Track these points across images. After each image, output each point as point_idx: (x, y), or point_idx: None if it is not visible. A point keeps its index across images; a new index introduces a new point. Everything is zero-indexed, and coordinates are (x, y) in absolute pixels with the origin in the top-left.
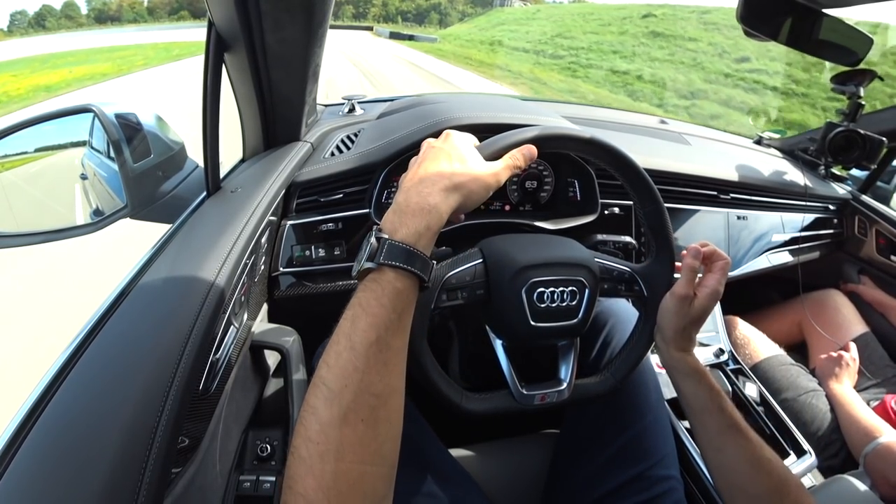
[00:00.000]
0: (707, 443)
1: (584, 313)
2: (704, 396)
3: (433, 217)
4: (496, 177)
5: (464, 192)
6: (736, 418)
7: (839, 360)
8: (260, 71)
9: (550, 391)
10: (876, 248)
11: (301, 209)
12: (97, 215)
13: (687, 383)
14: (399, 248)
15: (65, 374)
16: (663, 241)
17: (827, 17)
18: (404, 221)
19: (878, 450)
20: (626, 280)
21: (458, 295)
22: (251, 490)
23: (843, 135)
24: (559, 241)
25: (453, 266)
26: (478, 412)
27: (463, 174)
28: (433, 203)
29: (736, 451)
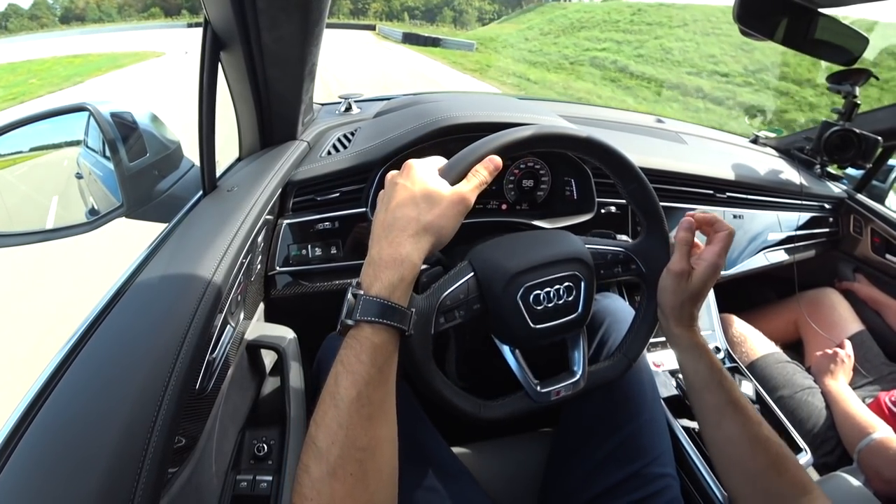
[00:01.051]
0: (706, 419)
1: (584, 305)
2: (705, 372)
3: (406, 267)
4: (464, 202)
5: (433, 232)
6: (736, 395)
7: (834, 356)
8: (256, 69)
9: (565, 384)
10: (871, 246)
11: (298, 208)
12: (93, 214)
13: (688, 358)
14: (374, 302)
15: (61, 373)
16: (652, 216)
17: (823, 16)
18: (378, 275)
19: (872, 446)
20: (621, 261)
21: (456, 315)
22: (248, 490)
23: (838, 134)
24: (548, 237)
25: (446, 286)
26: (498, 419)
27: (430, 213)
28: (404, 253)
29: (735, 427)
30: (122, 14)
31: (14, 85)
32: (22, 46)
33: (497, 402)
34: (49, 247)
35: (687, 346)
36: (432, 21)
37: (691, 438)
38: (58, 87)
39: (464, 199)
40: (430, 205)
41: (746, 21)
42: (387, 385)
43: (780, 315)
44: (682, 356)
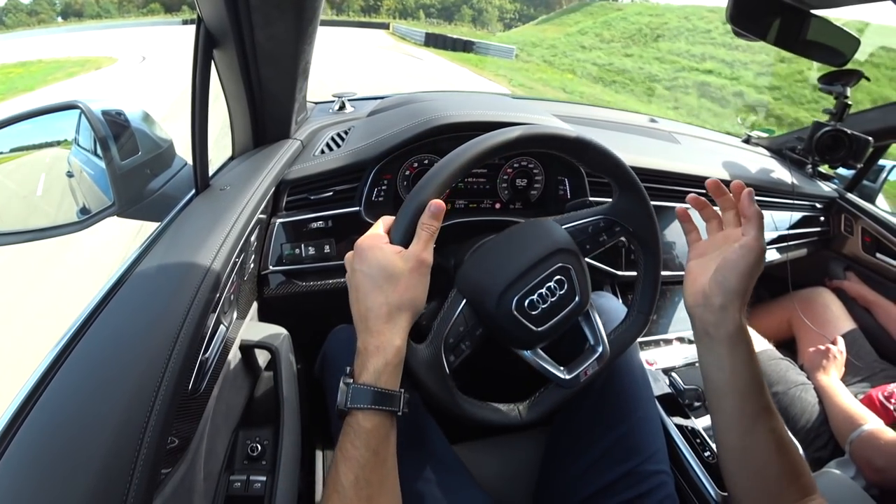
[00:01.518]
0: (738, 424)
1: (580, 290)
2: (751, 373)
3: (389, 352)
4: (422, 264)
5: (406, 308)
6: (769, 400)
7: (827, 352)
8: (249, 68)
9: (590, 361)
10: (862, 245)
11: (291, 207)
12: (84, 213)
13: (738, 357)
14: (362, 390)
15: (52, 374)
16: (620, 176)
17: (815, 17)
18: (364, 364)
19: (863, 437)
20: (603, 228)
21: (463, 347)
22: (241, 490)
23: (830, 134)
24: (526, 236)
25: (444, 323)
26: (540, 416)
27: (395, 292)
28: (385, 340)
29: (765, 433)
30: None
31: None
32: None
33: (532, 400)
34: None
35: (739, 338)
36: (449, 19)
37: (684, 436)
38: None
39: (420, 261)
40: (392, 284)
41: (739, 21)
42: (384, 466)
43: (772, 313)
44: (730, 351)
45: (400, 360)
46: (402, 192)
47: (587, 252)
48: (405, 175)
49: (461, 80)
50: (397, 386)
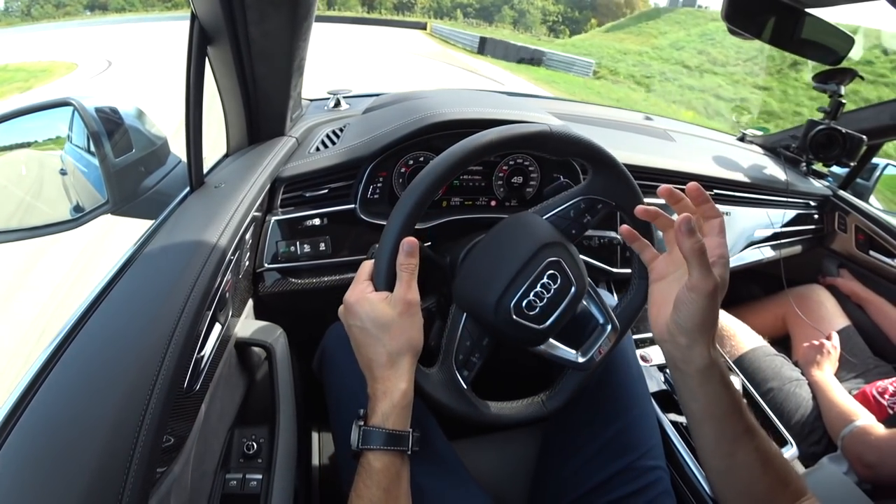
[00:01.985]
0: (718, 449)
1: (576, 278)
2: (729, 400)
3: (395, 395)
4: (410, 305)
5: (404, 350)
6: (751, 420)
7: (821, 347)
8: (244, 65)
9: (602, 339)
10: (855, 243)
11: (286, 205)
12: (77, 211)
13: (713, 388)
14: (371, 432)
15: (46, 373)
16: (590, 155)
17: (809, 16)
18: (374, 408)
19: (855, 432)
20: (584, 209)
21: (474, 360)
22: (237, 488)
23: (824, 132)
24: (510, 237)
25: (451, 342)
26: (563, 403)
27: (391, 339)
28: (390, 385)
29: (748, 453)
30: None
31: None
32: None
33: (553, 390)
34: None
35: (714, 375)
36: (489, 21)
37: (679, 432)
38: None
39: (407, 303)
40: (386, 332)
41: (734, 20)
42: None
43: (767, 310)
44: (706, 387)
45: (407, 401)
46: (398, 189)
47: (574, 237)
48: (400, 172)
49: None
50: (406, 426)
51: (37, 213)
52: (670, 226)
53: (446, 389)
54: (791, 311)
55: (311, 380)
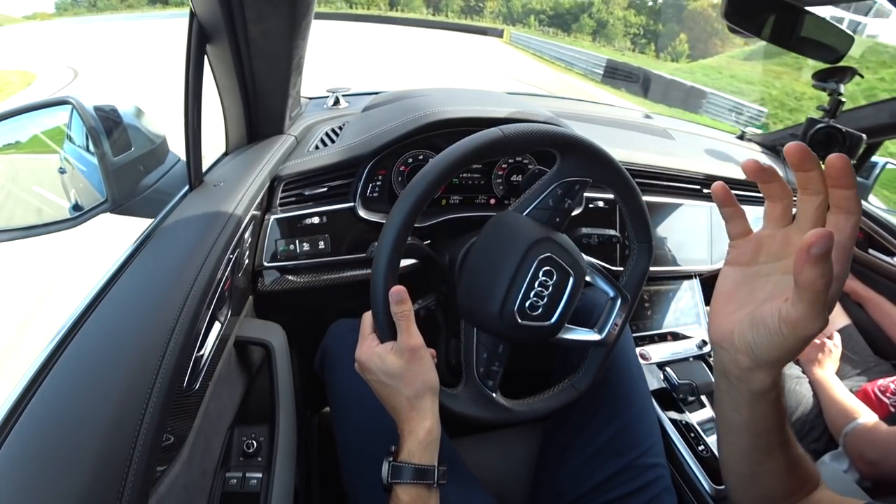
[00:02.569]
0: (750, 457)
1: (571, 266)
2: (776, 416)
3: (419, 433)
4: (415, 350)
5: (422, 392)
6: (788, 432)
7: (822, 346)
8: (243, 63)
9: (616, 311)
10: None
11: (285, 203)
12: (76, 210)
13: (767, 407)
14: (399, 467)
15: (45, 372)
16: (554, 142)
17: (809, 14)
18: (402, 445)
19: (857, 430)
20: (562, 194)
21: (494, 368)
22: (237, 487)
23: (823, 131)
24: (497, 243)
25: (468, 356)
26: (595, 380)
27: (405, 385)
28: (414, 424)
29: (778, 462)
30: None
31: None
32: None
33: (581, 370)
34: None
35: (772, 398)
36: (566, 30)
37: (678, 430)
38: None
39: (411, 349)
40: (399, 381)
41: (734, 19)
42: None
43: None
44: (751, 402)
45: (432, 437)
46: (397, 187)
47: (559, 225)
48: (399, 171)
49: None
50: (432, 461)
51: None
52: (779, 196)
53: (476, 403)
54: None
55: (310, 378)
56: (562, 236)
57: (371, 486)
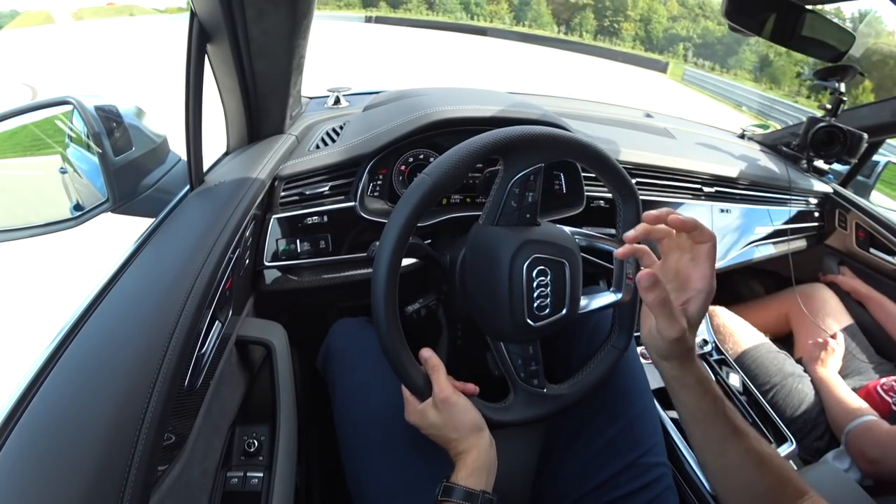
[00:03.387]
0: (709, 449)
1: (559, 253)
2: (708, 405)
3: (468, 461)
4: (446, 400)
5: (465, 430)
6: (738, 422)
7: (825, 345)
8: (243, 62)
9: (625, 266)
10: (856, 241)
11: (286, 202)
12: (78, 210)
13: (689, 394)
14: (449, 487)
15: (46, 372)
16: (491, 151)
17: (810, 13)
18: (455, 470)
19: (860, 428)
20: (521, 189)
21: (533, 368)
22: (239, 486)
23: (824, 130)
24: (485, 260)
25: (507, 367)
26: (631, 338)
27: (449, 429)
28: (463, 456)
29: (739, 453)
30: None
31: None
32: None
33: (615, 333)
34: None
35: (689, 384)
36: (721, 63)
37: (678, 429)
38: None
39: (443, 400)
40: (444, 428)
41: (735, 17)
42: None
43: (769, 308)
44: (682, 393)
45: (478, 465)
46: (398, 186)
47: (532, 219)
48: (400, 170)
49: None
50: (481, 486)
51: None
52: (661, 236)
53: (530, 406)
54: (794, 308)
55: (311, 377)
56: (538, 230)
57: (375, 483)
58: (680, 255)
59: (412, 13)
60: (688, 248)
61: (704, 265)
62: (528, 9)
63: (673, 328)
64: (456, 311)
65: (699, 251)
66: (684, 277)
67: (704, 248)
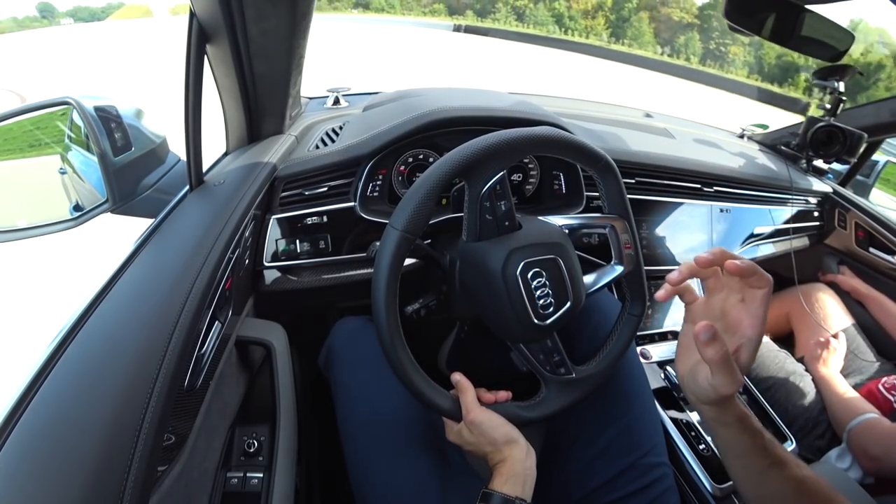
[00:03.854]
0: (747, 481)
1: (550, 250)
2: (748, 441)
3: (503, 470)
4: (473, 422)
5: (499, 445)
6: (777, 452)
7: (827, 344)
8: (243, 63)
9: (620, 239)
10: (855, 240)
11: (285, 203)
12: (77, 210)
13: (728, 432)
14: (488, 493)
15: (46, 372)
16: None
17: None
18: (492, 478)
19: (862, 426)
20: (492, 201)
21: (558, 358)
22: (238, 487)
23: (824, 129)
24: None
25: (532, 364)
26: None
27: (484, 445)
28: (498, 466)
29: (779, 483)
30: (403, 6)
31: None
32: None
33: (629, 302)
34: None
35: (728, 422)
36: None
37: (679, 429)
38: None
39: (471, 422)
40: (480, 445)
41: (734, 17)
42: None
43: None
44: (721, 430)
45: (512, 473)
46: (397, 186)
47: (511, 226)
48: (399, 170)
49: None
50: (519, 493)
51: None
52: (708, 276)
53: (563, 394)
54: (795, 308)
55: (311, 377)
56: (522, 234)
57: (378, 482)
58: (727, 295)
59: (500, 23)
60: (737, 288)
61: (758, 311)
62: (628, 25)
63: (731, 385)
64: (456, 311)
65: (753, 295)
66: (733, 320)
67: (760, 294)
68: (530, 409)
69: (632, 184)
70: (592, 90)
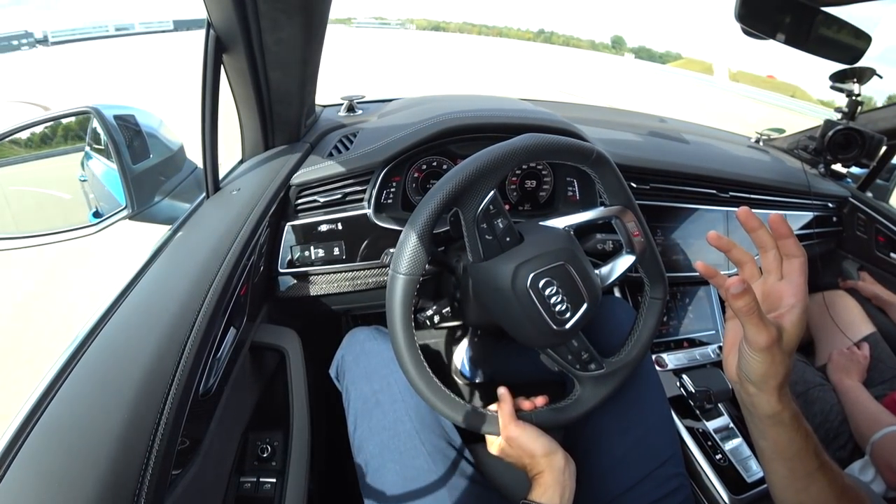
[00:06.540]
0: (790, 486)
1: (557, 256)
2: (800, 443)
3: (541, 480)
4: (510, 438)
5: (537, 457)
6: (824, 457)
7: (852, 354)
8: (258, 72)
9: (626, 226)
10: (875, 245)
11: (300, 210)
12: (97, 217)
13: (783, 432)
14: (523, 502)
15: (64, 376)
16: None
17: (825, 14)
18: (532, 488)
19: (886, 438)
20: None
21: (586, 356)
22: (251, 491)
23: (842, 133)
24: (490, 299)
25: (562, 367)
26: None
27: (521, 457)
28: (537, 477)
29: (822, 488)
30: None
31: None
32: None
33: (650, 287)
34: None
35: (784, 420)
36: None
37: (695, 438)
38: None
39: (508, 438)
40: (516, 458)
41: (748, 21)
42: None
43: None
44: (774, 430)
45: (551, 482)
46: (411, 194)
47: (513, 241)
48: (413, 177)
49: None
50: (554, 502)
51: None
52: (768, 245)
53: (599, 386)
54: (814, 316)
55: (325, 384)
56: (526, 247)
57: (388, 492)
58: (766, 277)
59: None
60: (774, 268)
61: (798, 279)
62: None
63: (761, 335)
64: (470, 318)
65: (790, 267)
66: (775, 297)
67: (796, 263)
68: (567, 409)
69: (646, 189)
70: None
